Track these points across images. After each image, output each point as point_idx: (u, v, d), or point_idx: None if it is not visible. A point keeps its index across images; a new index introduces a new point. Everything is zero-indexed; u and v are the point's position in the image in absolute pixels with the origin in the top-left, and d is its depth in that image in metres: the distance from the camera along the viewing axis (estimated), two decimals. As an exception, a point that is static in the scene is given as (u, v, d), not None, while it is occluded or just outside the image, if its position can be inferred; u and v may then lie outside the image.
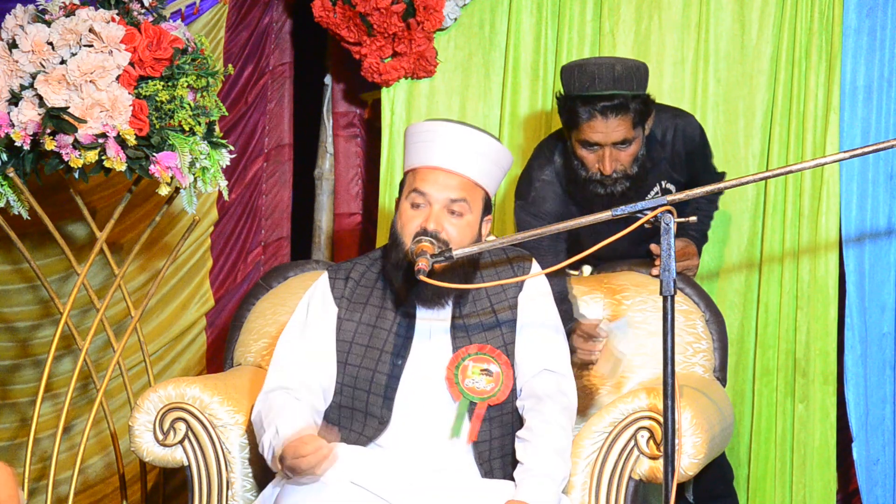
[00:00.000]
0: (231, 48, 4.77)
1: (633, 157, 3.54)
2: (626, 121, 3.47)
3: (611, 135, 3.48)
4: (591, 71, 3.47)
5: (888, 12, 3.93)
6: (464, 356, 3.01)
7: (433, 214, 2.97)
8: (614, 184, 3.54)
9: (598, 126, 3.47)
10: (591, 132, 3.49)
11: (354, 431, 3.01)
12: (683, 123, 3.75)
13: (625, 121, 3.47)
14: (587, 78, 3.47)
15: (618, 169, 3.52)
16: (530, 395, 3.02)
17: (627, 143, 3.50)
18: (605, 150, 3.50)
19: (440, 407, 3.00)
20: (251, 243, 4.95)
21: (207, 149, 3.69)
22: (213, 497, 3.21)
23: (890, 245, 3.93)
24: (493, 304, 3.07)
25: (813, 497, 3.97)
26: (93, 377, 4.05)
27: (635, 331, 3.47)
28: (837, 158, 2.95)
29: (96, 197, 4.42)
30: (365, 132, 4.98)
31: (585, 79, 3.47)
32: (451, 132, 3.01)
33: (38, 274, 3.87)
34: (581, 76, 3.48)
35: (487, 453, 3.00)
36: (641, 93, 3.51)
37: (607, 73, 3.46)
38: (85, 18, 3.56)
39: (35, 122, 3.53)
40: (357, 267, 3.14)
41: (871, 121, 3.94)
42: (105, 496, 4.62)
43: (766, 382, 4.03)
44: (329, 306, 3.09)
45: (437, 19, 4.27)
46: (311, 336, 3.08)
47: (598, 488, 3.09)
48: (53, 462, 3.80)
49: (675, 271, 2.74)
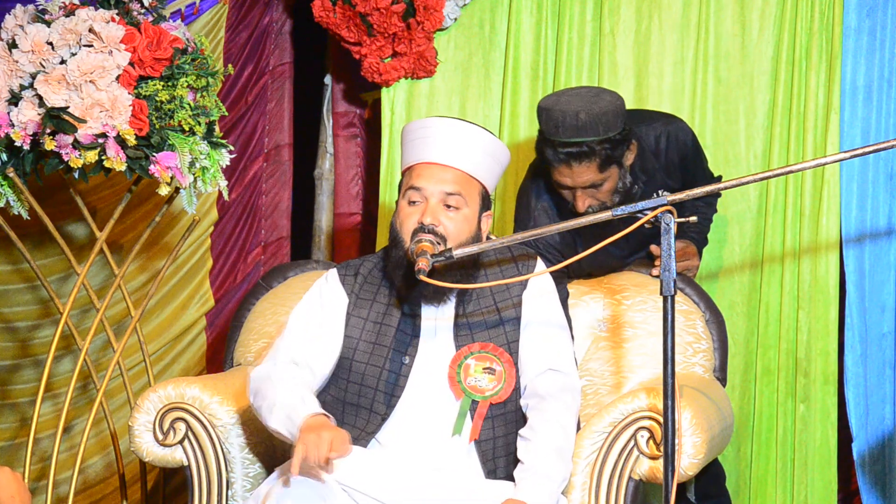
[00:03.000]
0: (231, 48, 4.77)
1: (611, 192, 3.51)
2: (591, 166, 3.44)
3: (577, 180, 3.47)
4: (555, 117, 3.43)
5: (888, 12, 3.93)
6: (466, 354, 3.02)
7: (429, 209, 2.98)
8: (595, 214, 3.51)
9: (565, 171, 3.47)
10: (560, 176, 3.49)
11: (356, 428, 3.01)
12: (675, 130, 3.73)
13: (590, 166, 3.44)
14: (552, 124, 3.44)
15: (593, 205, 3.50)
16: (533, 393, 3.02)
17: (599, 184, 3.48)
18: (576, 191, 3.50)
19: (444, 405, 3.00)
20: (251, 243, 4.95)
21: (207, 149, 3.69)
22: (213, 497, 3.20)
23: (890, 245, 3.93)
24: (497, 301, 3.07)
25: (814, 497, 3.97)
26: (93, 377, 4.05)
27: (635, 331, 3.47)
28: (838, 158, 2.95)
29: (96, 197, 4.42)
30: (365, 132, 4.98)
31: (551, 125, 3.44)
32: (443, 127, 3.03)
33: (38, 274, 3.87)
34: (548, 121, 3.46)
35: (491, 452, 3.00)
36: (610, 135, 3.44)
37: (571, 121, 3.41)
38: (85, 18, 3.56)
39: (35, 122, 3.53)
40: (365, 264, 3.15)
41: (871, 121, 3.94)
42: (105, 496, 4.62)
43: (768, 382, 4.03)
44: (339, 295, 3.09)
45: (437, 19, 4.27)
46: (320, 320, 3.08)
47: (598, 488, 3.09)
48: (53, 462, 3.80)
49: (675, 271, 2.75)
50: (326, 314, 3.09)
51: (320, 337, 3.07)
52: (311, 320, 3.09)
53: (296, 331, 3.08)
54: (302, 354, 3.04)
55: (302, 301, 3.14)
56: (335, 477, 2.87)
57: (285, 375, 2.98)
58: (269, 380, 2.97)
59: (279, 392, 2.92)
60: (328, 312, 3.09)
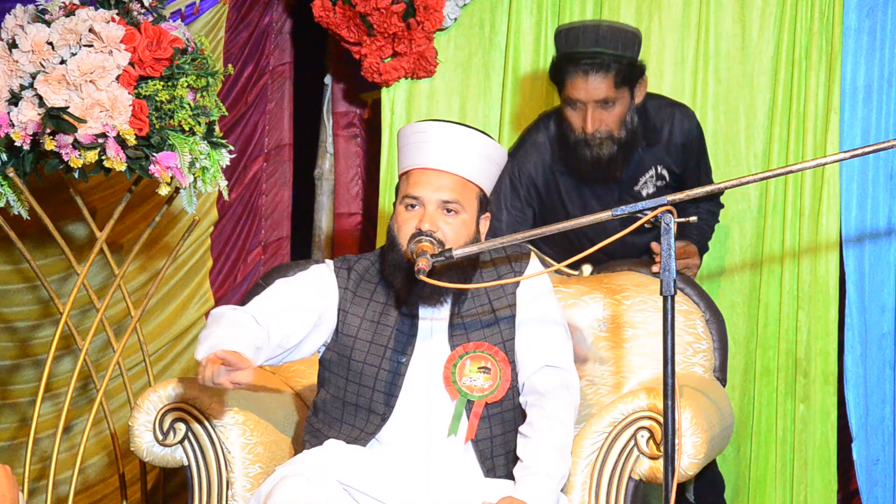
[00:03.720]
0: (231, 48, 4.77)
1: (620, 119, 3.64)
2: (607, 79, 3.58)
3: (592, 92, 3.59)
4: (576, 32, 3.63)
5: (888, 12, 3.93)
6: (461, 354, 3.02)
7: (427, 215, 2.97)
8: (600, 145, 3.65)
9: (580, 83, 3.59)
10: (574, 89, 3.61)
11: (356, 427, 3.01)
12: (681, 115, 3.81)
13: (606, 79, 3.58)
14: (573, 38, 3.62)
15: (601, 129, 3.63)
16: (532, 391, 3.02)
17: (610, 102, 3.61)
18: (587, 108, 3.61)
19: (441, 405, 3.00)
20: (251, 243, 4.94)
21: (207, 149, 3.69)
22: (213, 497, 3.20)
23: (890, 245, 3.93)
24: (492, 300, 3.08)
25: (814, 497, 3.97)
26: (93, 377, 4.05)
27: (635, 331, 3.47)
28: (838, 158, 2.95)
29: (96, 197, 4.42)
30: (365, 132, 4.98)
31: (571, 39, 3.62)
32: (441, 132, 3.02)
33: (38, 274, 3.87)
34: (568, 37, 3.64)
35: (489, 451, 3.00)
36: (626, 54, 3.61)
37: (591, 33, 3.61)
38: (85, 18, 3.56)
39: (35, 122, 3.53)
40: (362, 261, 3.14)
41: (871, 121, 3.94)
42: (105, 496, 4.62)
43: (767, 382, 4.03)
44: (331, 286, 3.08)
45: (437, 19, 4.27)
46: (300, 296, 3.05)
47: (598, 488, 3.09)
48: (53, 462, 3.80)
49: (675, 271, 2.75)
50: (309, 294, 3.06)
51: (293, 309, 3.03)
52: (292, 293, 3.06)
53: (272, 295, 3.06)
54: (265, 316, 2.99)
55: (295, 276, 3.13)
56: (336, 476, 2.87)
57: (238, 321, 2.94)
58: (221, 318, 2.95)
59: (220, 330, 2.89)
60: (312, 294, 3.06)
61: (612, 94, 3.60)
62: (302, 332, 3.04)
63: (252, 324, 2.95)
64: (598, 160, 3.65)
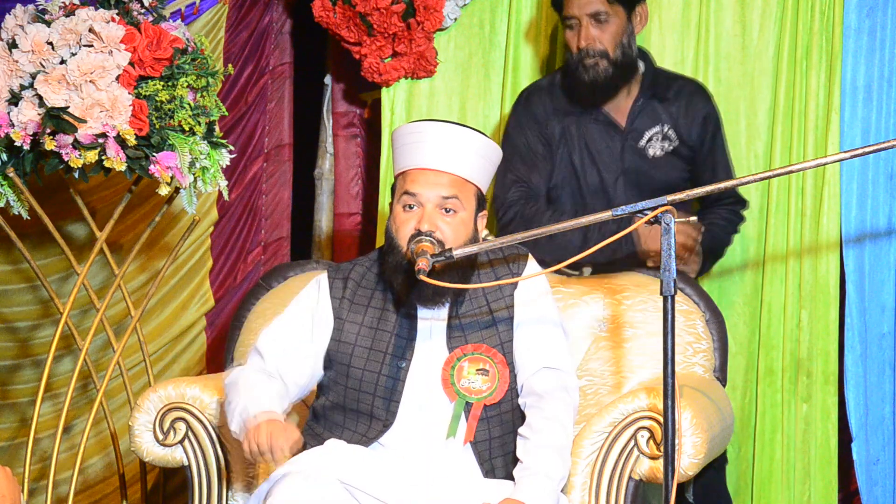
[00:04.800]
0: (231, 48, 4.77)
1: (614, 38, 3.72)
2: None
3: (585, 6, 3.70)
4: None
5: (888, 12, 3.93)
6: (459, 356, 3.01)
7: (426, 215, 2.97)
8: (596, 65, 3.72)
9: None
10: (569, 5, 3.73)
11: (358, 433, 3.01)
12: (693, 88, 3.89)
13: None
14: None
15: (596, 47, 3.71)
16: (531, 392, 3.02)
17: (604, 16, 3.71)
18: (581, 24, 3.71)
19: (440, 408, 3.00)
20: (251, 243, 4.94)
21: (207, 149, 3.69)
22: (213, 497, 3.21)
23: (890, 245, 3.93)
24: (490, 302, 3.07)
25: (815, 497, 3.97)
26: (93, 377, 4.05)
27: (635, 331, 3.47)
28: (838, 158, 2.95)
29: (96, 197, 4.42)
30: (365, 132, 4.98)
31: None
32: (436, 132, 3.02)
33: (38, 274, 3.87)
34: None
35: (488, 453, 3.00)
36: None
37: None
38: (85, 18, 3.56)
39: (35, 122, 3.53)
40: (357, 268, 3.14)
41: (872, 121, 3.94)
42: (105, 496, 4.62)
43: (770, 383, 4.02)
44: (324, 307, 3.09)
45: (437, 19, 4.27)
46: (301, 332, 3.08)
47: (598, 488, 3.09)
48: (53, 462, 3.80)
49: (675, 271, 2.75)
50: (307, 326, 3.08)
51: (298, 349, 3.07)
52: (293, 330, 3.09)
53: (274, 339, 3.08)
54: (274, 364, 3.05)
55: (291, 305, 3.14)
56: (337, 475, 2.87)
57: (251, 381, 2.99)
58: (236, 385, 3.00)
59: (242, 397, 2.94)
60: (310, 325, 3.09)
61: (605, 7, 3.70)
62: (310, 371, 3.09)
63: (266, 380, 3.01)
64: (595, 82, 3.73)
